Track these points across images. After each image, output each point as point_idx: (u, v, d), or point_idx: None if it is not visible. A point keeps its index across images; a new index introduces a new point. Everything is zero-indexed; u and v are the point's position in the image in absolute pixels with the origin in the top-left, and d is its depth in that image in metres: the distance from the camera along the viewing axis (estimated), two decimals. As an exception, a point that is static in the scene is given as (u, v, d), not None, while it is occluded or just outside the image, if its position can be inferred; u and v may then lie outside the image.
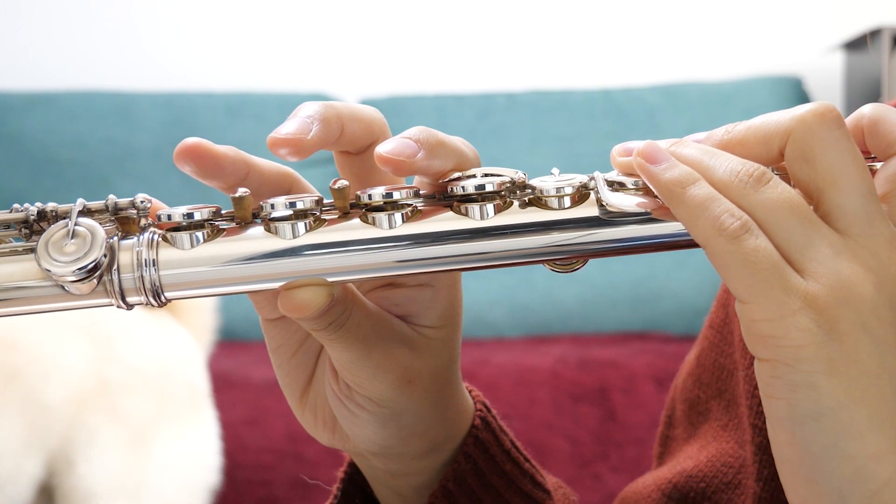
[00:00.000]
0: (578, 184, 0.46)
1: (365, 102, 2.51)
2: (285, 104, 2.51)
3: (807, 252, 0.42)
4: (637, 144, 0.45)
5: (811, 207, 0.43)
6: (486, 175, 0.47)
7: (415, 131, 0.47)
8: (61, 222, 0.44)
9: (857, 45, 2.43)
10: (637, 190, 0.47)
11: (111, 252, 0.44)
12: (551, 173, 0.48)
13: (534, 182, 0.47)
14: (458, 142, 0.49)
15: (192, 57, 2.74)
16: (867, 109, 0.46)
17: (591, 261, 0.48)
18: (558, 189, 0.46)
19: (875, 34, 2.25)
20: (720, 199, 0.42)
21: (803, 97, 2.48)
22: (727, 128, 0.47)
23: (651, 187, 0.44)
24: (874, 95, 2.25)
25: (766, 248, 0.41)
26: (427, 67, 2.72)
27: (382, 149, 0.46)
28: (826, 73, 2.62)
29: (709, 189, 0.42)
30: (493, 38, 2.74)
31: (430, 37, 2.74)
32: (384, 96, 2.54)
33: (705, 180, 0.43)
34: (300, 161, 0.47)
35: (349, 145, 0.50)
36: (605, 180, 0.47)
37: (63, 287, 0.44)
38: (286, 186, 0.51)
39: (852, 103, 2.45)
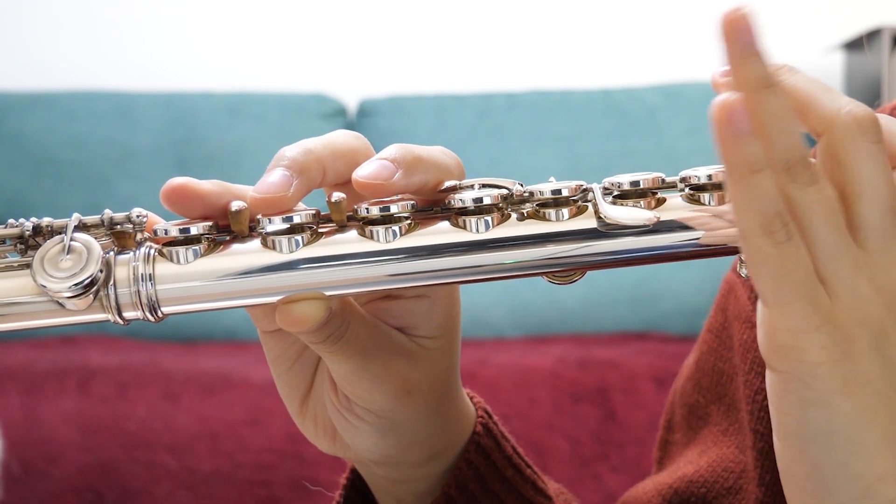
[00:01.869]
0: (574, 185, 0.46)
1: (365, 102, 2.52)
2: (285, 104, 2.50)
3: (831, 264, 0.42)
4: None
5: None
6: (484, 186, 0.47)
7: (391, 151, 0.47)
8: (57, 237, 0.44)
9: (856, 45, 2.43)
10: (636, 201, 0.47)
11: (107, 267, 0.44)
12: (549, 181, 0.48)
13: (531, 187, 0.47)
14: (436, 153, 0.49)
15: (192, 57, 2.73)
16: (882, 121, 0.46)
17: (596, 270, 0.48)
18: (555, 191, 0.46)
19: (875, 34, 2.25)
20: (778, 199, 0.41)
21: (803, 97, 2.47)
22: (789, 69, 0.45)
23: (718, 149, 0.41)
24: (874, 95, 2.25)
25: (804, 259, 0.41)
26: (427, 67, 2.72)
27: (359, 173, 0.46)
28: (826, 73, 2.62)
29: (772, 185, 0.41)
30: (493, 38, 2.74)
31: (430, 37, 2.74)
32: (384, 96, 2.54)
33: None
34: None
35: (335, 182, 0.49)
36: (603, 191, 0.47)
37: (59, 303, 0.44)
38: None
39: (852, 103, 2.44)
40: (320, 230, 0.46)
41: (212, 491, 1.75)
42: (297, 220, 0.45)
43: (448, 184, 0.48)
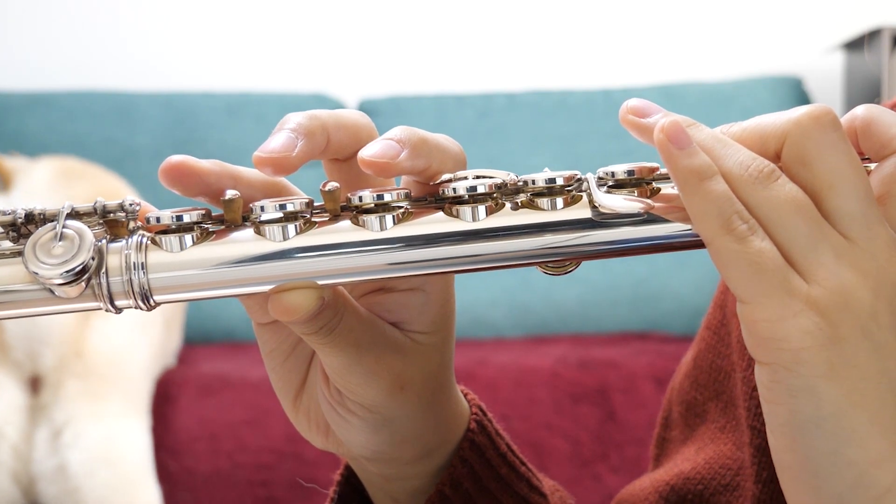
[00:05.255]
0: (569, 175, 0.46)
1: (365, 102, 2.52)
2: (285, 104, 2.50)
3: (810, 254, 0.42)
4: (658, 116, 0.45)
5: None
6: (478, 177, 0.47)
7: (397, 132, 0.47)
8: (49, 225, 0.44)
9: (856, 45, 2.43)
10: (630, 190, 0.46)
11: (99, 255, 0.44)
12: (543, 171, 0.47)
13: (525, 176, 0.47)
14: (441, 139, 0.49)
15: (192, 57, 2.73)
16: (860, 111, 0.46)
17: (590, 260, 0.48)
18: (549, 181, 0.46)
19: (875, 34, 2.25)
20: (733, 199, 0.42)
21: (803, 97, 2.47)
22: (723, 128, 0.46)
23: (666, 168, 0.43)
24: (874, 95, 2.25)
25: (771, 251, 0.41)
26: (427, 67, 2.72)
27: (365, 152, 0.46)
28: (826, 73, 2.62)
29: (724, 186, 0.42)
30: (493, 38, 2.74)
31: (430, 37, 2.74)
32: (384, 96, 2.54)
33: (720, 174, 0.43)
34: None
35: (337, 154, 0.49)
36: (598, 181, 0.47)
37: (51, 290, 0.44)
38: (275, 194, 0.50)
39: (852, 103, 2.44)
40: (314, 219, 0.46)
41: (211, 491, 1.75)
42: (290, 208, 0.45)
43: (444, 177, 0.48)
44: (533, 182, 0.46)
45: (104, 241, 0.45)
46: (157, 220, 0.45)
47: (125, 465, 1.61)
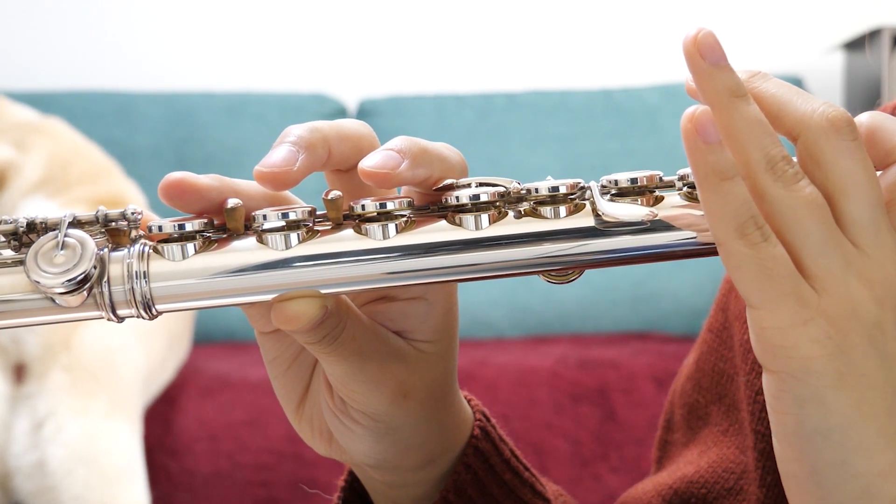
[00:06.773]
0: (572, 183, 0.46)
1: (365, 102, 2.52)
2: (285, 104, 2.50)
3: (819, 259, 0.41)
4: (719, 68, 0.43)
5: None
6: (481, 184, 0.47)
7: (397, 142, 0.47)
8: (51, 234, 0.44)
9: (857, 45, 2.43)
10: (633, 199, 0.46)
11: (101, 264, 0.44)
12: (546, 180, 0.47)
13: (528, 185, 0.47)
14: (441, 148, 0.49)
15: (192, 57, 2.73)
16: (864, 118, 0.46)
17: (593, 269, 0.47)
18: (552, 189, 0.46)
19: (875, 34, 2.25)
20: (750, 203, 0.41)
21: (804, 97, 2.47)
22: (761, 75, 0.46)
23: (688, 160, 0.43)
24: (874, 96, 2.25)
25: (784, 257, 0.41)
26: (427, 67, 2.72)
27: (366, 163, 0.46)
28: (826, 73, 2.62)
29: (744, 190, 0.41)
30: (493, 38, 2.73)
31: (430, 37, 2.73)
32: (384, 96, 2.54)
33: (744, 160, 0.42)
34: None
35: (339, 165, 0.49)
36: (601, 189, 0.47)
37: (52, 299, 0.43)
38: (275, 205, 0.50)
39: (852, 103, 2.44)
40: (316, 228, 0.46)
41: (211, 492, 1.75)
42: (292, 217, 0.45)
43: (446, 182, 0.48)
44: (536, 190, 0.46)
45: (106, 249, 0.45)
46: (160, 228, 0.45)
47: (105, 465, 1.57)
